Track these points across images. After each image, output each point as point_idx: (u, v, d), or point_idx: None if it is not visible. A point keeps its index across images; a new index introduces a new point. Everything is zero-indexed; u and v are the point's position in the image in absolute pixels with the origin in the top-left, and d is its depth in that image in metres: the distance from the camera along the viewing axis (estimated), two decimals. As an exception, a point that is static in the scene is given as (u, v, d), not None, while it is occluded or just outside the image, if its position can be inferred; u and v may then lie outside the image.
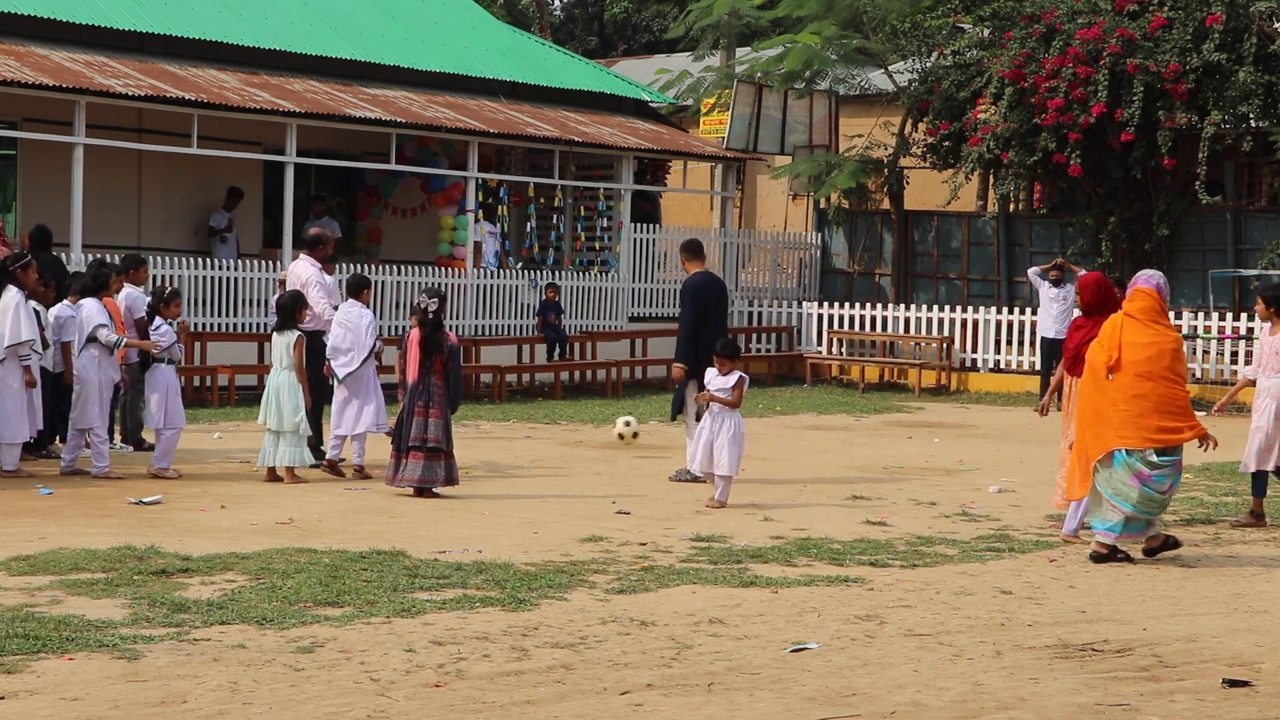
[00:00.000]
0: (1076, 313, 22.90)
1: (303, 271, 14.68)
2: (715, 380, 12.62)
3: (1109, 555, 10.39)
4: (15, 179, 22.58)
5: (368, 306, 14.28)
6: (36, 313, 13.45)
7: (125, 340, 13.79)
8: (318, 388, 13.95)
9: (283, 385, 13.23)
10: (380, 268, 22.87)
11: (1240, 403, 21.52)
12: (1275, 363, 12.33)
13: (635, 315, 25.68)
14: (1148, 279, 10.77)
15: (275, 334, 13.48)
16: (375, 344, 14.12)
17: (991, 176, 26.65)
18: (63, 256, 17.96)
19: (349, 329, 13.95)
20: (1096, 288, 11.95)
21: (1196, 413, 11.19)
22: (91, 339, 13.49)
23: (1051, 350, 22.63)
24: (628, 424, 14.75)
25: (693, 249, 14.83)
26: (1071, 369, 11.83)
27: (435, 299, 12.77)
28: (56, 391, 14.24)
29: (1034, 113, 24.16)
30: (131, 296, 14.93)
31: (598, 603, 8.62)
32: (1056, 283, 22.72)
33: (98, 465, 13.36)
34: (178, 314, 14.25)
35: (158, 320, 13.69)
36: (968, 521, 12.05)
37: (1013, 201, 27.29)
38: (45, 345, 13.93)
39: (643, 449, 16.74)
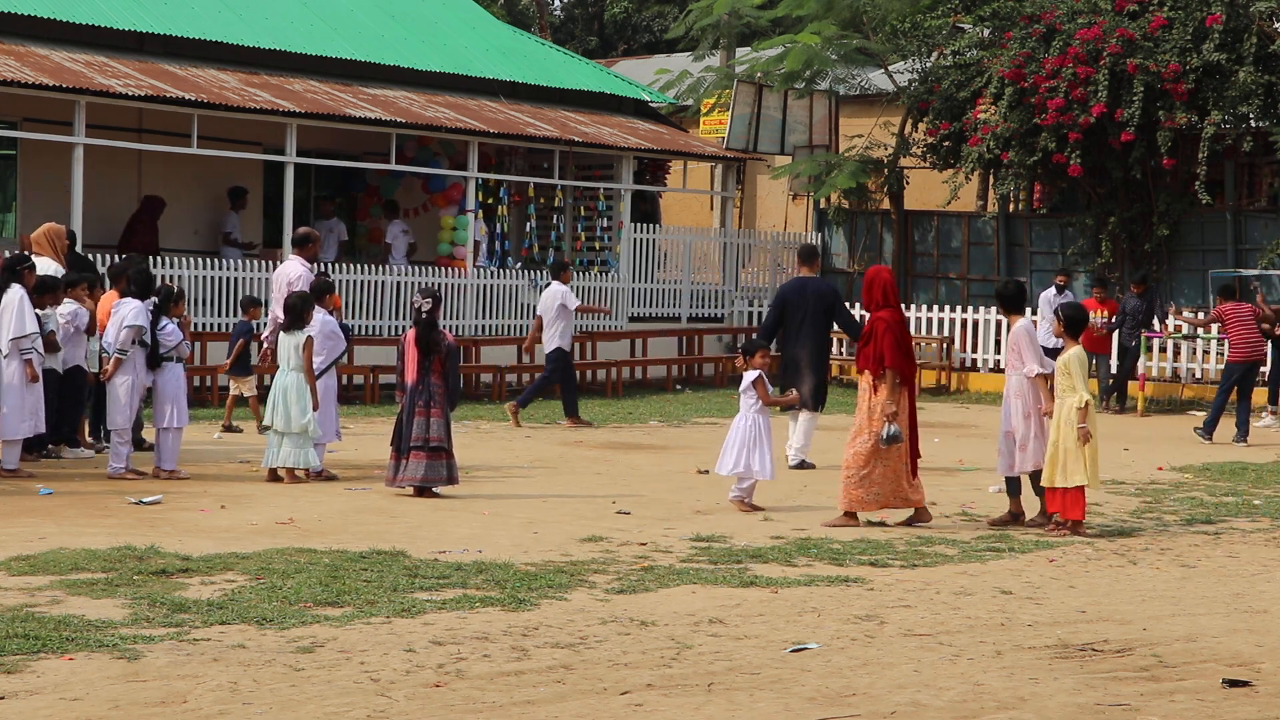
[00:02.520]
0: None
1: (292, 271, 14.63)
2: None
3: None
4: (15, 179, 22.58)
5: (331, 312, 14.16)
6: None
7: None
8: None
9: (290, 386, 13.21)
10: (380, 268, 22.88)
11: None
12: (1013, 360, 11.99)
13: (635, 315, 25.67)
14: None
15: (283, 334, 13.45)
16: (341, 353, 14.01)
17: (991, 176, 26.64)
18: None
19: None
20: (865, 285, 12.07)
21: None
22: (134, 341, 13.44)
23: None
24: None
25: (800, 254, 16.16)
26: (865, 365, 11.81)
27: (429, 299, 12.76)
28: (61, 393, 14.27)
29: (1034, 113, 24.14)
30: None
31: (598, 603, 8.62)
32: (1061, 288, 22.70)
33: (114, 466, 13.36)
34: (182, 313, 14.26)
35: (164, 320, 13.67)
36: (968, 521, 12.05)
37: (1013, 201, 27.28)
38: (55, 348, 13.95)
39: (642, 449, 16.75)
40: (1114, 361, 22.69)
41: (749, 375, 12.43)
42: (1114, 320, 22.30)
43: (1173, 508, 13.05)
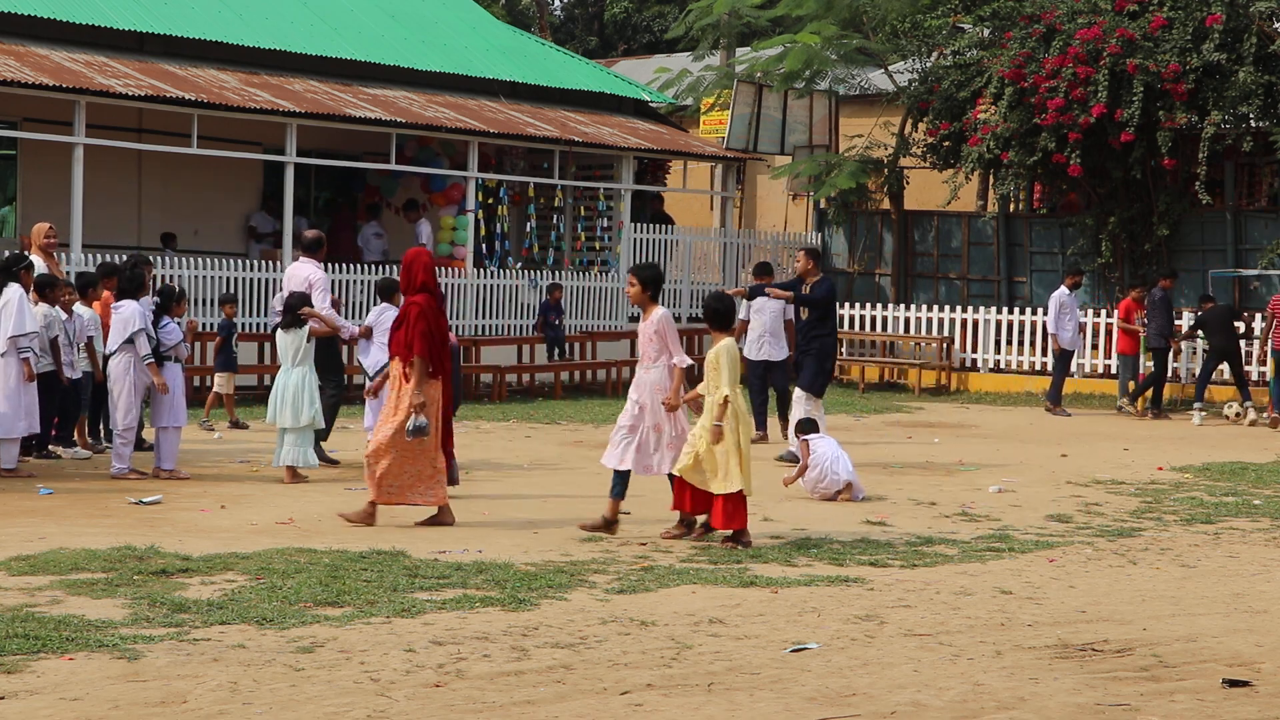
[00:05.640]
0: (1080, 315, 23.07)
1: (310, 273, 14.70)
2: None
3: None
4: (15, 179, 22.59)
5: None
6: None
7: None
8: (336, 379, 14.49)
9: (292, 384, 13.25)
10: (381, 268, 22.87)
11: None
12: (652, 352, 10.98)
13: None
14: None
15: (281, 332, 13.46)
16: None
17: (991, 176, 26.63)
18: (62, 257, 18.00)
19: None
20: (403, 268, 11.44)
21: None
22: (129, 340, 13.44)
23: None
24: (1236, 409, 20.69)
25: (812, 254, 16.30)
26: (396, 350, 11.23)
27: None
28: (64, 393, 14.29)
29: (1034, 113, 24.13)
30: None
31: (598, 603, 8.62)
32: (1073, 288, 22.66)
33: (116, 466, 13.35)
34: (184, 313, 14.28)
35: (165, 319, 13.69)
36: (968, 521, 12.05)
37: (1013, 201, 27.26)
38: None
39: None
40: (1145, 363, 22.52)
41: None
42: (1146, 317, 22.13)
43: (1173, 508, 13.04)
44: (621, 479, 11.01)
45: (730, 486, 10.50)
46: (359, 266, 22.60)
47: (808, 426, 13.57)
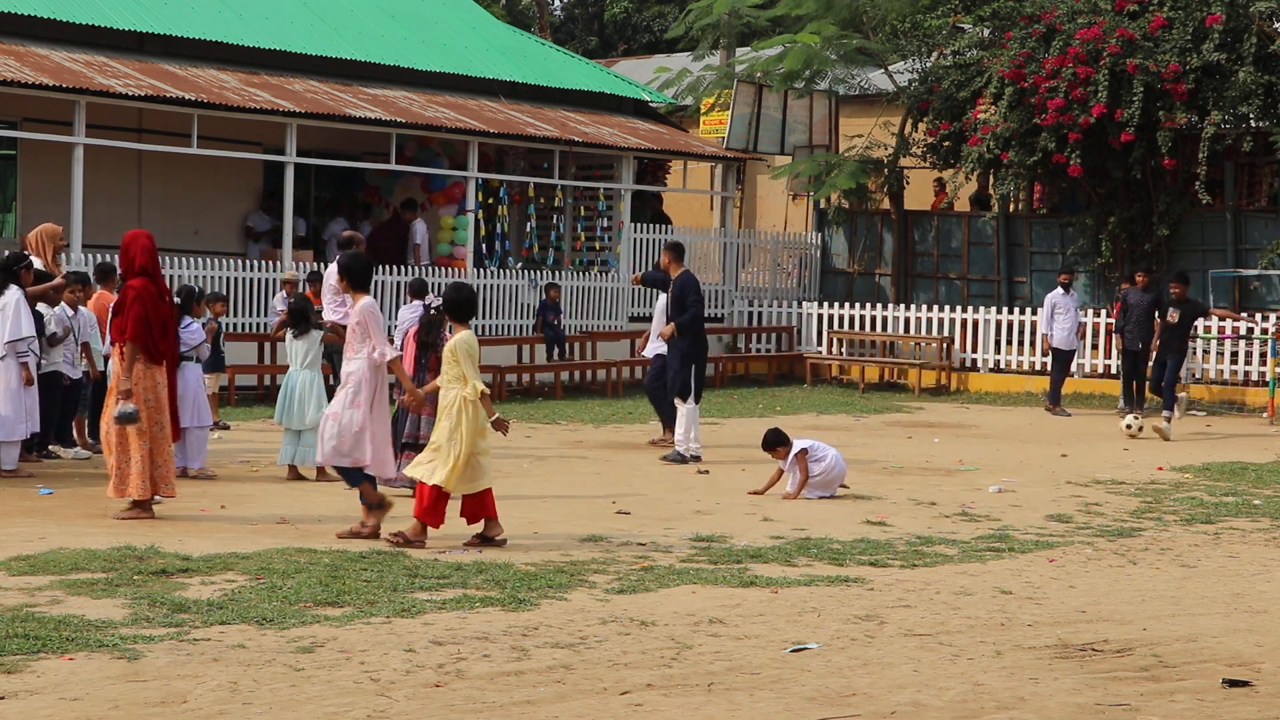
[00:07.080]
0: (1081, 317, 23.08)
1: None
2: None
3: None
4: (15, 179, 22.58)
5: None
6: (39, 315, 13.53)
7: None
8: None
9: (299, 384, 13.31)
10: (382, 268, 22.86)
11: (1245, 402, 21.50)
12: (356, 343, 10.66)
13: (635, 315, 25.65)
14: None
15: (292, 337, 13.50)
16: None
17: (991, 176, 26.63)
18: (63, 257, 17.99)
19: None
20: (121, 251, 11.23)
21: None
22: None
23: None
24: (1136, 420, 19.09)
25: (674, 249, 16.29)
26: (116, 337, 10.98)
27: (440, 297, 12.80)
28: (64, 393, 14.28)
29: (1034, 113, 24.14)
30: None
31: (598, 603, 8.62)
32: (1066, 286, 22.71)
33: None
34: (203, 313, 14.30)
35: (187, 319, 13.69)
36: (968, 521, 12.05)
37: (1012, 202, 27.27)
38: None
39: (642, 449, 16.74)
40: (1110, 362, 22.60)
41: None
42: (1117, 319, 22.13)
43: (1173, 508, 13.04)
44: (359, 473, 10.72)
45: (435, 479, 10.23)
46: (392, 268, 22.64)
47: (778, 438, 13.41)
